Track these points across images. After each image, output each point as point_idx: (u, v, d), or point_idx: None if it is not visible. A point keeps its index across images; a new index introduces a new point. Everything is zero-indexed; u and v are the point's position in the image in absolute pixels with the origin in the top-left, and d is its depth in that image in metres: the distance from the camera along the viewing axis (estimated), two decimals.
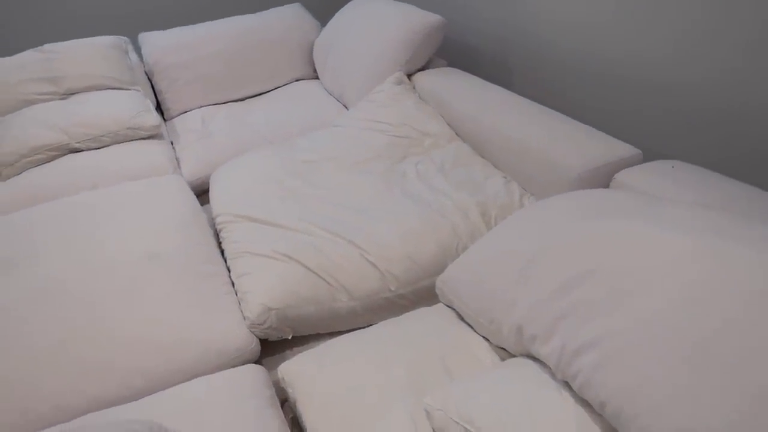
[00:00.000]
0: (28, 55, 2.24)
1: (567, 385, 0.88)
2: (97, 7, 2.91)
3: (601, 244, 0.92)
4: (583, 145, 1.48)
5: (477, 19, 2.32)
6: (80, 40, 2.34)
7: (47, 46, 2.29)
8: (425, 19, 2.07)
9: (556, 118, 1.63)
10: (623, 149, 1.45)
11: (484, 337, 1.14)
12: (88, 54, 2.28)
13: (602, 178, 1.41)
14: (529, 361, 0.97)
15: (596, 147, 1.46)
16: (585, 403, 0.85)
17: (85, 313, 1.26)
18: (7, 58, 2.24)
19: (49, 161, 2.00)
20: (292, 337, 1.35)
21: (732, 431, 0.66)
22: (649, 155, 1.69)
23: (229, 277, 1.43)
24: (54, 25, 2.86)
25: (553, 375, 0.91)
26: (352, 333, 1.22)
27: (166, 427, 0.85)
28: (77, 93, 2.22)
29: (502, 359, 1.10)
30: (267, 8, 3.17)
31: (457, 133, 1.87)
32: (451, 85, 1.97)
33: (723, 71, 1.41)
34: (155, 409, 1.05)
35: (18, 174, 1.96)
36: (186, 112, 2.44)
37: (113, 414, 1.05)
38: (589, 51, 1.81)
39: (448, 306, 1.24)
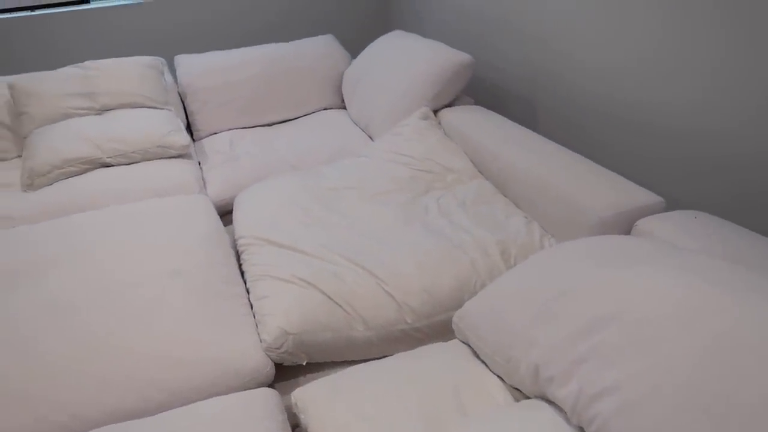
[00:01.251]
0: (69, 71, 2.32)
1: (582, 430, 0.88)
2: (136, 28, 3.01)
3: (623, 290, 0.92)
4: (606, 190, 1.49)
5: (505, 60, 2.37)
6: (119, 59, 2.42)
7: (87, 63, 2.37)
8: (454, 57, 2.11)
9: (579, 162, 1.65)
10: (645, 196, 1.46)
11: (498, 376, 1.14)
12: (126, 72, 2.35)
13: (623, 225, 1.42)
14: (544, 404, 0.97)
15: (618, 193, 1.47)
16: None
17: (107, 325, 1.28)
18: (50, 72, 2.32)
19: (80, 174, 2.06)
20: (306, 363, 1.35)
21: None
22: (672, 204, 1.69)
23: (248, 299, 1.45)
24: (95, 43, 2.97)
25: (567, 419, 0.91)
26: (367, 363, 1.23)
27: None
28: (112, 109, 2.29)
29: (516, 400, 1.10)
30: (300, 38, 3.26)
31: (480, 171, 1.89)
32: (477, 123, 2.00)
33: (750, 118, 1.43)
34: (170, 426, 1.06)
35: (50, 184, 2.02)
36: (215, 133, 2.50)
37: (129, 428, 1.06)
38: (615, 96, 1.83)
39: (463, 342, 1.25)
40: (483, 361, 1.17)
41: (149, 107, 2.32)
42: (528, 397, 1.07)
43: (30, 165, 2.02)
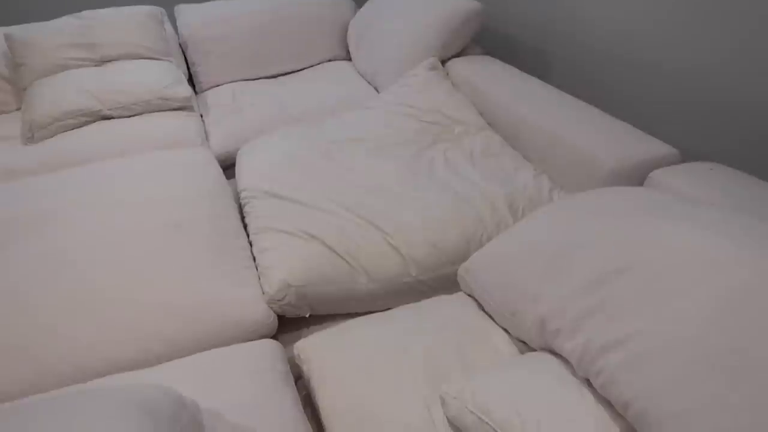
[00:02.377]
0: (66, 21, 2.26)
1: (588, 382, 0.86)
2: None
3: (635, 242, 0.89)
4: (618, 141, 1.44)
5: (516, 7, 2.27)
6: (117, 8, 2.35)
7: (85, 13, 2.30)
8: (463, 5, 2.03)
9: (591, 113, 1.59)
10: (659, 148, 1.41)
11: (503, 328, 1.12)
12: (124, 22, 2.29)
13: (636, 176, 1.37)
14: (550, 356, 0.95)
15: (631, 144, 1.42)
16: (605, 403, 0.83)
17: (108, 276, 1.27)
18: (46, 23, 2.26)
19: (80, 126, 2.03)
20: (310, 315, 1.34)
21: None
22: (691, 155, 1.63)
23: (251, 251, 1.44)
24: None
25: (574, 372, 0.89)
26: (370, 315, 1.22)
27: (182, 395, 0.86)
28: (112, 61, 2.24)
29: (521, 352, 1.08)
30: None
31: (488, 123, 1.84)
32: (486, 73, 1.94)
33: None
34: (171, 376, 1.06)
35: (51, 137, 1.99)
36: (217, 86, 2.45)
37: (130, 378, 1.06)
38: (633, 43, 1.76)
39: (468, 295, 1.23)
40: (488, 314, 1.15)
41: (149, 58, 2.27)
42: (534, 350, 1.05)
43: (30, 117, 1.99)
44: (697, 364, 0.72)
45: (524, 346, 1.09)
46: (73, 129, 2.01)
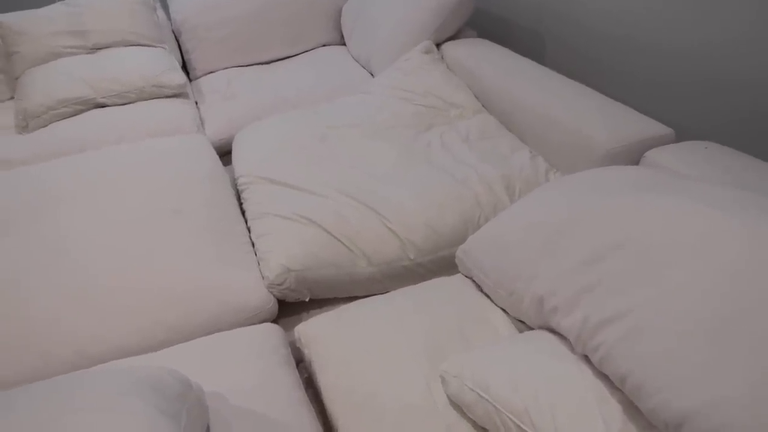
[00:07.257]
0: (57, 8, 2.24)
1: (586, 359, 0.88)
2: None
3: (631, 218, 0.90)
4: (614, 121, 1.44)
5: None
6: None
7: (73, 0, 2.28)
8: None
9: (587, 94, 1.59)
10: (654, 127, 1.42)
11: (502, 308, 1.13)
12: (116, 9, 2.27)
13: (632, 156, 1.38)
14: (548, 334, 0.96)
15: (627, 124, 1.43)
16: (603, 378, 0.84)
17: (108, 263, 1.27)
18: (37, 10, 2.24)
19: (74, 115, 2.02)
20: (310, 299, 1.35)
21: (751, 408, 0.65)
22: (684, 136, 1.64)
23: (249, 237, 1.44)
24: None
25: (572, 348, 0.91)
26: (370, 298, 1.23)
27: (187, 377, 0.87)
28: (104, 48, 2.23)
29: (520, 331, 1.09)
30: None
31: (484, 105, 1.84)
32: (480, 56, 1.94)
33: None
34: (174, 361, 1.06)
35: (44, 126, 1.99)
36: (211, 72, 2.44)
37: (134, 363, 1.06)
38: (627, 23, 1.76)
39: (467, 276, 1.24)
40: (487, 295, 1.16)
41: (142, 45, 2.25)
42: (532, 329, 1.06)
43: (23, 106, 1.98)
44: (692, 335, 0.73)
45: (522, 325, 1.10)
46: (67, 117, 2.01)
